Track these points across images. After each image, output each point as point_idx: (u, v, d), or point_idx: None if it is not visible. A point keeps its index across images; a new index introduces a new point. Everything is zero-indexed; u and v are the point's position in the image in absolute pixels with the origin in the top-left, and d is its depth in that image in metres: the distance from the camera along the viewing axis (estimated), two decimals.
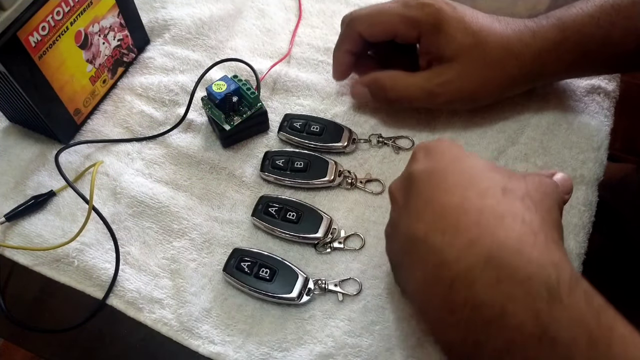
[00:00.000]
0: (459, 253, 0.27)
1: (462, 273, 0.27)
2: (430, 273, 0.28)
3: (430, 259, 0.28)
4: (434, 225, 0.29)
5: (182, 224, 0.44)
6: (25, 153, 0.48)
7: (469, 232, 0.27)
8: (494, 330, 0.26)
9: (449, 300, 0.27)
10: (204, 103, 0.47)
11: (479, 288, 0.26)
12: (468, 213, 0.28)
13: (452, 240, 0.28)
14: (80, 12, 0.44)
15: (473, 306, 0.26)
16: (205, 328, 0.39)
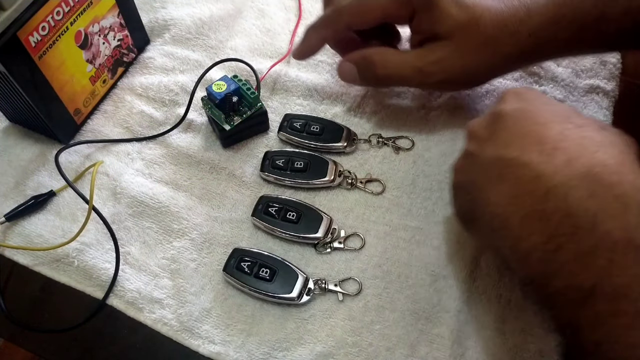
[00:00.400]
0: (556, 168, 0.28)
1: (557, 185, 0.28)
2: (521, 186, 0.29)
3: (523, 173, 0.29)
4: (529, 148, 0.30)
5: (182, 224, 0.44)
6: (25, 153, 0.48)
7: (568, 152, 0.29)
8: (580, 235, 0.27)
9: (538, 210, 0.28)
10: (204, 103, 0.47)
11: (573, 199, 0.27)
12: (568, 139, 0.29)
13: (549, 159, 0.29)
14: (80, 12, 0.44)
15: (564, 214, 0.27)
16: (206, 328, 0.39)
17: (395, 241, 0.42)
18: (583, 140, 0.29)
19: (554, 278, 0.28)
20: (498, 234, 0.31)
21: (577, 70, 0.51)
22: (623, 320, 0.26)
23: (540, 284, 0.29)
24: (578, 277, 0.27)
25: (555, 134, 0.30)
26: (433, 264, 0.41)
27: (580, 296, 0.27)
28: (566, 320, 0.28)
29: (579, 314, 0.27)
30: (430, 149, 0.47)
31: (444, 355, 0.38)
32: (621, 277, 0.26)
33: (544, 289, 0.29)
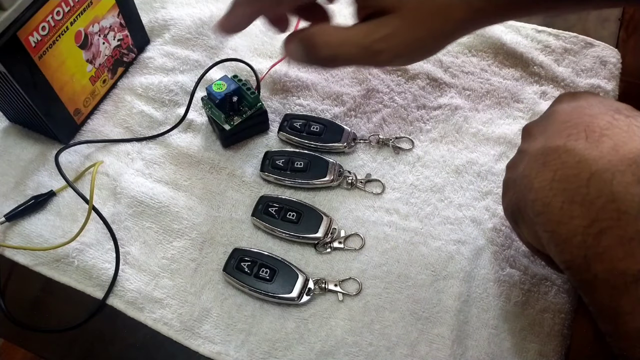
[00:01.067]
0: (601, 153, 0.28)
1: (602, 169, 0.27)
2: (564, 171, 0.29)
3: (568, 159, 0.29)
4: (576, 136, 0.29)
5: (182, 223, 0.44)
6: (25, 153, 0.48)
7: (615, 138, 0.28)
8: (625, 220, 0.26)
9: (581, 193, 0.28)
10: (204, 103, 0.47)
11: (618, 184, 0.27)
12: (616, 127, 0.29)
13: (595, 145, 0.28)
14: (80, 12, 0.44)
15: (609, 199, 0.27)
16: (206, 328, 0.39)
17: (395, 241, 0.42)
18: (632, 128, 0.29)
19: (595, 263, 0.28)
20: (539, 219, 0.30)
21: (577, 70, 0.51)
22: None
23: (581, 268, 0.28)
24: (621, 263, 0.27)
25: (603, 123, 0.29)
26: (433, 264, 0.41)
27: (623, 282, 0.27)
28: (606, 307, 0.28)
29: (621, 300, 0.27)
30: (430, 149, 0.47)
31: (444, 355, 0.38)
32: None
33: (585, 274, 0.28)
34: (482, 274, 0.41)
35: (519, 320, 0.39)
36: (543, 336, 0.38)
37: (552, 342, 0.38)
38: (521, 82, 0.50)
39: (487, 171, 0.45)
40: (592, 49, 0.52)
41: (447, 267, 0.41)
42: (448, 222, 0.43)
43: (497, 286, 0.40)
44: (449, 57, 0.53)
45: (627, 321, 0.27)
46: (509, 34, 0.53)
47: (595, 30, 0.54)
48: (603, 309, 0.28)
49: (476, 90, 0.50)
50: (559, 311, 0.39)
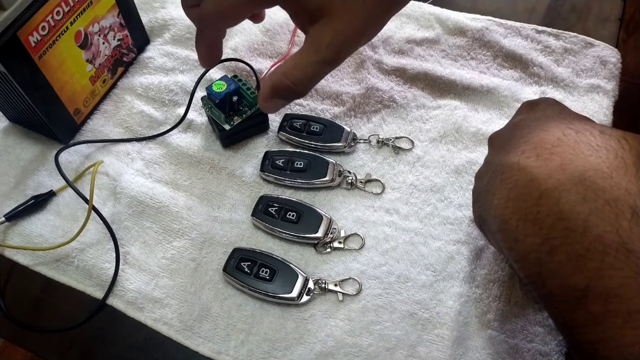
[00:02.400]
0: (550, 172, 0.29)
1: (550, 188, 0.28)
2: (518, 190, 0.30)
3: (520, 178, 0.30)
4: (528, 153, 0.30)
5: (182, 223, 0.44)
6: (25, 153, 0.48)
7: (562, 156, 0.29)
8: (573, 238, 0.27)
9: (532, 212, 0.29)
10: (204, 103, 0.47)
11: (565, 202, 0.28)
12: (564, 144, 0.30)
13: (545, 163, 0.29)
14: (80, 12, 0.44)
15: (557, 217, 0.28)
16: (205, 327, 0.39)
17: (395, 241, 0.42)
18: (578, 145, 0.29)
19: (549, 279, 0.28)
20: (499, 236, 0.31)
21: (577, 70, 0.51)
22: (616, 320, 0.26)
23: (538, 284, 0.29)
24: (571, 279, 0.27)
25: (554, 139, 0.30)
26: (433, 264, 0.41)
27: (574, 296, 0.27)
28: (563, 320, 0.29)
29: (574, 314, 0.28)
30: (429, 149, 0.47)
31: (444, 356, 0.38)
32: (613, 279, 0.26)
33: (542, 289, 0.29)
34: (482, 274, 0.41)
35: (519, 321, 0.39)
36: (543, 336, 0.38)
37: (552, 341, 0.38)
38: (521, 83, 0.50)
39: None
40: (592, 49, 0.52)
41: (447, 267, 0.41)
42: (448, 222, 0.43)
43: (497, 286, 0.40)
44: (448, 58, 0.53)
45: (581, 334, 0.28)
46: (509, 36, 0.53)
47: (595, 30, 0.54)
48: (560, 322, 0.29)
49: (476, 90, 0.50)
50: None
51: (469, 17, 0.55)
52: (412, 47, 0.54)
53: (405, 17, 0.56)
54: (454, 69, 0.52)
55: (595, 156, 0.29)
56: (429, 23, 0.55)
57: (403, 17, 0.56)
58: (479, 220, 0.36)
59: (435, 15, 0.56)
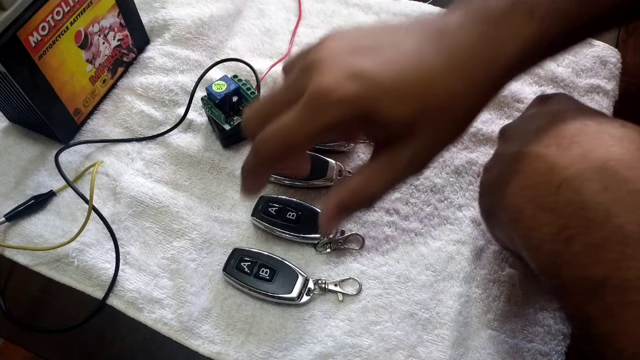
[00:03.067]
0: (571, 161, 0.28)
1: (570, 177, 0.28)
2: (536, 177, 0.29)
3: (538, 166, 0.29)
4: (547, 142, 0.30)
5: (182, 224, 0.44)
6: (25, 153, 0.48)
7: (584, 145, 0.28)
8: (592, 228, 0.27)
9: (551, 201, 0.28)
10: (204, 103, 0.47)
11: (586, 191, 0.27)
12: (586, 134, 0.29)
13: (565, 151, 0.29)
14: (80, 12, 0.44)
15: (577, 207, 0.27)
16: (205, 328, 0.39)
17: (395, 242, 0.42)
18: (601, 135, 0.29)
19: (564, 269, 0.28)
20: (512, 225, 0.31)
21: (577, 70, 0.51)
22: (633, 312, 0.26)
23: (552, 274, 0.29)
24: (588, 269, 0.27)
25: (574, 129, 0.30)
26: (433, 264, 0.41)
27: (591, 287, 0.27)
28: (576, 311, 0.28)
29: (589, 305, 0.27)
30: None
31: (444, 356, 0.38)
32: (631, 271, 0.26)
33: (555, 280, 0.29)
34: (482, 274, 0.41)
35: (519, 320, 0.39)
36: (543, 335, 0.38)
37: (552, 341, 0.38)
38: (521, 83, 0.50)
39: None
40: (592, 49, 0.52)
41: (447, 267, 0.41)
42: (448, 222, 0.43)
43: (497, 286, 0.40)
44: None
45: (595, 326, 0.27)
46: None
47: None
48: (573, 313, 0.29)
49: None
50: (559, 310, 0.39)
51: None
52: None
53: (406, 17, 0.56)
54: None
55: (619, 147, 0.28)
56: None
57: (403, 17, 0.56)
58: (487, 213, 0.35)
59: None
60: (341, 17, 0.56)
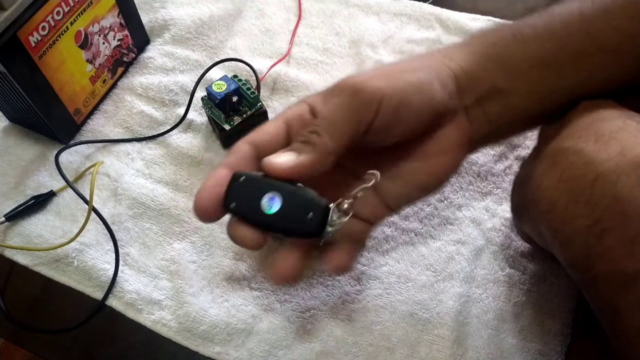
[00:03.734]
0: (609, 155, 0.28)
1: (607, 171, 0.28)
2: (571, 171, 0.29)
3: (575, 160, 0.29)
4: (585, 138, 0.30)
5: (183, 226, 0.44)
6: (25, 153, 0.48)
7: (623, 142, 0.28)
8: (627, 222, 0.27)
9: (585, 194, 0.28)
10: (204, 103, 0.47)
11: (623, 186, 0.27)
12: (625, 131, 0.29)
13: (603, 147, 0.28)
14: (80, 12, 0.44)
15: (612, 201, 0.27)
16: (205, 329, 0.39)
17: (395, 242, 0.42)
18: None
19: (597, 262, 0.28)
20: (544, 217, 0.31)
21: None
22: None
23: (583, 267, 0.29)
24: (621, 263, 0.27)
25: (614, 127, 0.30)
26: (433, 264, 0.41)
27: (623, 281, 0.27)
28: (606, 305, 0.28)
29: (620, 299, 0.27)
30: None
31: (444, 356, 0.38)
32: None
33: (586, 273, 0.29)
34: (482, 274, 0.41)
35: (519, 321, 0.39)
36: (543, 336, 0.38)
37: (552, 341, 0.38)
38: None
39: (487, 171, 0.45)
40: None
41: (447, 267, 0.41)
42: (448, 222, 0.43)
43: (497, 286, 0.40)
44: None
45: (625, 320, 0.27)
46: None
47: None
48: (603, 307, 0.29)
49: None
50: (559, 311, 0.39)
51: (469, 17, 0.55)
52: (413, 47, 0.54)
53: (406, 17, 0.56)
54: None
55: None
56: (429, 23, 0.55)
57: (403, 17, 0.56)
58: (517, 207, 0.35)
59: (435, 16, 0.56)
60: (341, 17, 0.56)
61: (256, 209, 0.29)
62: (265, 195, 0.29)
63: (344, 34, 0.55)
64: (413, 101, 0.31)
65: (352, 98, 0.31)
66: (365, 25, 0.55)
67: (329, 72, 0.52)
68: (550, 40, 0.33)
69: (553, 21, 0.33)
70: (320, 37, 0.55)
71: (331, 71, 0.52)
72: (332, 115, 0.31)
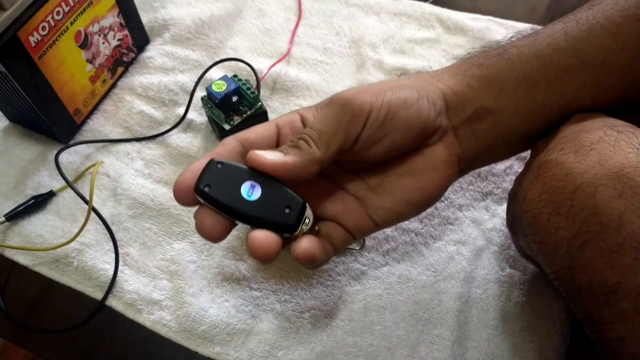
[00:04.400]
0: (587, 167, 0.28)
1: (586, 183, 0.28)
2: (553, 184, 0.30)
3: (556, 172, 0.30)
4: (566, 150, 0.30)
5: (183, 226, 0.43)
6: (25, 153, 0.48)
7: (602, 152, 0.29)
8: (606, 233, 0.27)
9: (566, 205, 0.28)
10: (204, 103, 0.47)
11: (601, 197, 0.27)
12: (604, 142, 0.29)
13: (582, 158, 0.29)
14: (80, 12, 0.44)
15: (591, 212, 0.28)
16: (205, 329, 0.39)
17: (395, 242, 0.42)
18: (619, 143, 0.29)
19: (579, 273, 0.28)
20: (529, 230, 0.31)
21: None
22: None
23: (566, 279, 0.29)
24: (602, 274, 0.27)
25: (594, 137, 0.30)
26: (433, 264, 0.41)
27: (604, 292, 0.27)
28: (590, 316, 0.29)
29: (602, 310, 0.28)
30: None
31: (445, 356, 0.38)
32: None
33: (570, 284, 0.29)
34: (482, 274, 0.41)
35: (519, 321, 0.39)
36: (543, 336, 0.38)
37: (552, 342, 0.38)
38: None
39: (487, 171, 0.45)
40: None
41: (447, 267, 0.41)
42: (448, 222, 0.43)
43: (497, 286, 0.40)
44: (449, 58, 0.53)
45: (608, 330, 0.27)
46: (509, 36, 0.53)
47: None
48: (587, 318, 0.29)
49: None
50: (559, 311, 0.39)
51: (470, 17, 0.55)
52: (413, 46, 0.54)
53: (406, 17, 0.56)
54: None
55: (636, 154, 0.28)
56: (430, 23, 0.55)
57: (404, 17, 0.56)
58: (511, 222, 0.35)
59: (435, 15, 0.56)
60: (341, 16, 0.56)
61: (235, 194, 0.29)
62: (246, 182, 0.30)
63: (344, 34, 0.55)
64: (401, 115, 0.32)
65: (341, 110, 0.31)
66: (365, 25, 0.55)
67: (329, 72, 0.52)
68: (535, 59, 0.33)
69: (538, 41, 0.34)
70: (320, 37, 0.55)
71: (331, 71, 0.52)
72: (321, 125, 0.31)
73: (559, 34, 0.34)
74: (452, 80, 0.34)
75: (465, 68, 0.35)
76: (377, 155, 0.33)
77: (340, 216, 0.33)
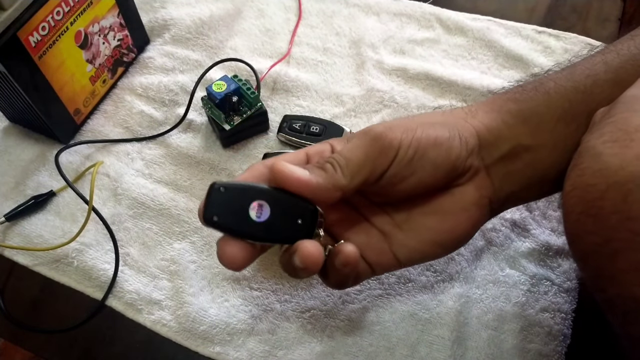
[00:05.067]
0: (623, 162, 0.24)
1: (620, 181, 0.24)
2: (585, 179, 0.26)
3: (590, 165, 0.26)
4: (607, 136, 0.26)
5: (184, 227, 0.44)
6: (25, 153, 0.48)
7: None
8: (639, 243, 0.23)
9: (595, 206, 0.25)
10: (204, 103, 0.47)
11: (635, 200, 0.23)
12: None
13: (621, 150, 0.25)
14: (80, 12, 0.44)
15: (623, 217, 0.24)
16: (205, 329, 0.39)
17: None
18: None
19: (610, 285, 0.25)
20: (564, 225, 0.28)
21: None
22: None
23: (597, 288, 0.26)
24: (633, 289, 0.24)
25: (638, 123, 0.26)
26: (433, 265, 0.41)
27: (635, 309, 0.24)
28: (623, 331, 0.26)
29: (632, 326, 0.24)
30: None
31: (444, 356, 0.38)
32: None
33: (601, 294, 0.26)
34: (482, 274, 0.41)
35: (518, 321, 0.39)
36: (543, 336, 0.38)
37: (552, 342, 0.38)
38: None
39: None
40: (589, 49, 0.52)
41: (447, 268, 0.41)
42: None
43: (497, 287, 0.40)
44: (449, 58, 0.53)
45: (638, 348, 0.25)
46: (509, 36, 0.53)
47: (595, 31, 0.54)
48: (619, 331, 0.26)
49: (477, 90, 0.50)
50: (559, 311, 0.39)
51: (470, 17, 0.55)
52: (413, 47, 0.54)
53: (406, 17, 0.56)
54: (455, 69, 0.52)
55: None
56: (430, 23, 0.55)
57: (404, 18, 0.56)
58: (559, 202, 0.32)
59: (435, 15, 0.56)
60: (341, 17, 0.56)
61: (244, 218, 0.28)
62: (253, 204, 0.28)
63: (344, 34, 0.55)
64: (430, 154, 0.30)
65: (371, 143, 0.30)
66: (365, 25, 0.55)
67: (329, 72, 0.52)
68: (574, 92, 0.31)
69: (576, 73, 0.32)
70: (320, 37, 0.55)
71: (331, 71, 0.52)
72: (349, 154, 0.30)
73: (598, 65, 0.32)
74: (486, 117, 0.33)
75: (500, 103, 0.33)
76: (404, 192, 0.31)
77: (363, 249, 0.32)
